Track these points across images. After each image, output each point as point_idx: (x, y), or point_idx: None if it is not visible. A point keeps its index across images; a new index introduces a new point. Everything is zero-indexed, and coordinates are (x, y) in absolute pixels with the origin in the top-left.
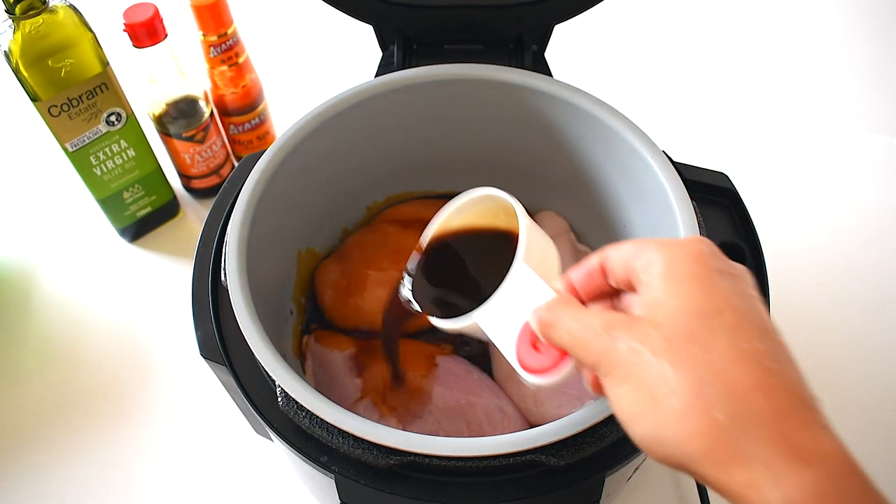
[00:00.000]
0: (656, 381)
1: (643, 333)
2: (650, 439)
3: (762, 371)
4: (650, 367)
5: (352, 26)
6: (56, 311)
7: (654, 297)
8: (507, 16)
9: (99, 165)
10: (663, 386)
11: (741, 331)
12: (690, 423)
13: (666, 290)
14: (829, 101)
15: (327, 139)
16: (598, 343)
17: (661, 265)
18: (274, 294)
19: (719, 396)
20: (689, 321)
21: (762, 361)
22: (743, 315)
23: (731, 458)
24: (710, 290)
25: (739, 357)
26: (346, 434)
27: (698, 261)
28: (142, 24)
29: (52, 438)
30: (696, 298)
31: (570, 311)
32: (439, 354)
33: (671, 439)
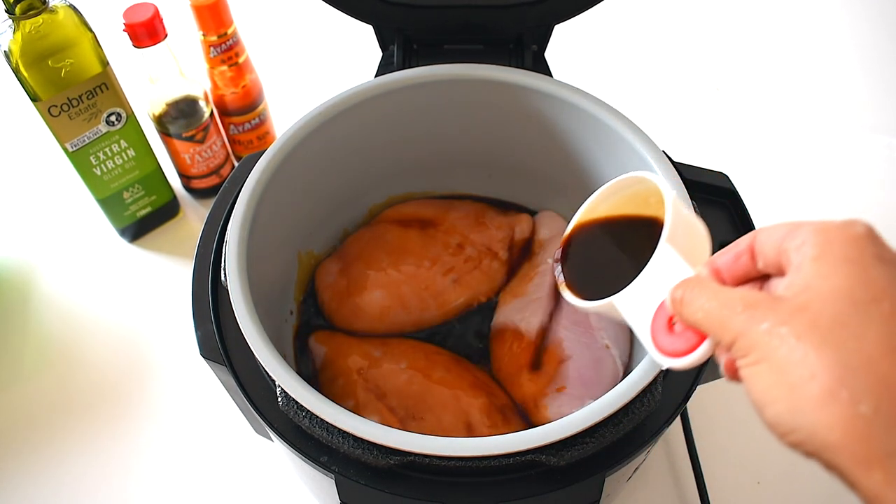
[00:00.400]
0: (796, 365)
1: (787, 315)
2: (784, 425)
3: None
4: (791, 351)
5: (352, 26)
6: (56, 312)
7: (804, 280)
8: (507, 16)
9: (99, 165)
10: (803, 369)
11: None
12: (830, 413)
13: (818, 273)
14: (830, 100)
15: (327, 139)
16: (737, 321)
17: (814, 246)
18: (274, 294)
19: (866, 388)
20: (841, 307)
21: None
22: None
23: (873, 456)
24: (867, 277)
25: (895, 349)
26: (346, 434)
27: (856, 245)
28: (142, 24)
29: (51, 438)
30: (851, 283)
31: (708, 288)
32: (440, 354)
33: (807, 427)
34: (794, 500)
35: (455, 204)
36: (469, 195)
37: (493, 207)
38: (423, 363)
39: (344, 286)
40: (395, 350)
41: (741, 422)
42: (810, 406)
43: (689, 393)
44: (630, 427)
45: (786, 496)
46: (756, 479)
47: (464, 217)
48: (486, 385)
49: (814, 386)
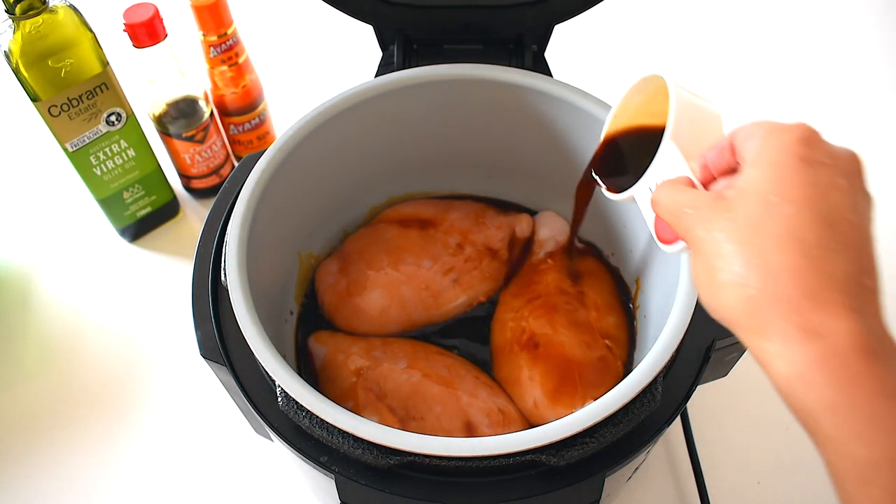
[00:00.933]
0: (716, 258)
1: (717, 217)
2: (708, 305)
3: (801, 256)
4: (715, 246)
5: (352, 26)
6: (56, 312)
7: (741, 183)
8: (507, 16)
9: (99, 165)
10: (720, 262)
11: (798, 218)
12: (731, 295)
13: (749, 177)
14: (830, 100)
15: (327, 139)
16: (685, 220)
17: (754, 152)
18: (274, 294)
19: (756, 275)
20: (756, 209)
21: (805, 248)
22: (808, 204)
23: (757, 328)
24: (784, 179)
25: (784, 243)
26: (346, 434)
27: (787, 149)
28: (142, 24)
29: (51, 438)
30: (769, 186)
31: (670, 190)
32: (440, 354)
33: (718, 307)
34: (793, 501)
35: (455, 204)
36: (469, 195)
37: (493, 207)
38: (423, 363)
39: (344, 286)
40: (395, 350)
41: (741, 422)
42: (720, 290)
43: (689, 393)
44: (630, 427)
45: (786, 496)
46: (756, 479)
47: (464, 217)
48: (486, 385)
49: (724, 275)
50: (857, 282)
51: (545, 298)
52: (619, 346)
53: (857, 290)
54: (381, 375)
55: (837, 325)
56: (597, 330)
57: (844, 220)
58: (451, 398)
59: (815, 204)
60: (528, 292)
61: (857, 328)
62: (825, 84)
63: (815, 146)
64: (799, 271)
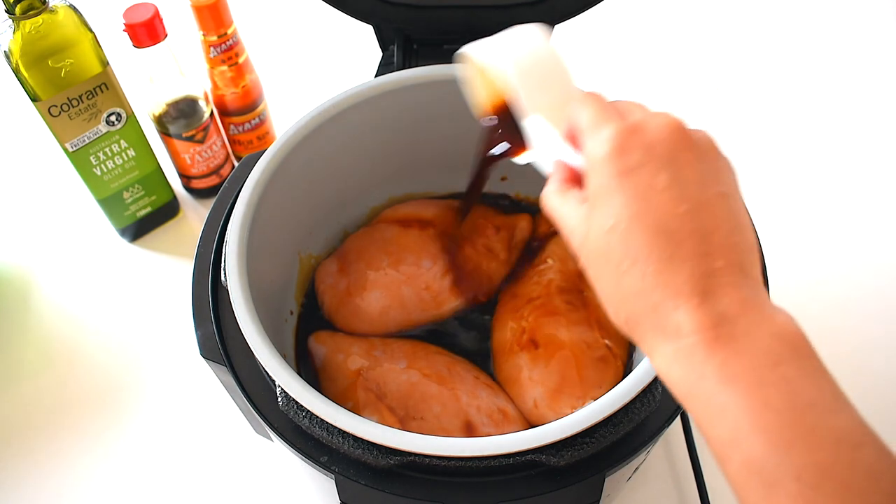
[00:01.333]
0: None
1: (580, 247)
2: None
3: (640, 277)
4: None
5: (352, 26)
6: (56, 312)
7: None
8: (507, 16)
9: (99, 165)
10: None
11: (630, 241)
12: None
13: (588, 211)
14: (830, 100)
15: (327, 139)
16: (565, 233)
17: (586, 177)
18: (274, 294)
19: (615, 300)
20: (598, 242)
21: (643, 267)
22: (635, 221)
23: (635, 338)
24: (611, 205)
25: (625, 269)
26: (346, 434)
27: (605, 171)
28: (142, 24)
29: (51, 438)
30: (602, 216)
31: (549, 199)
32: (440, 354)
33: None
34: None
35: (455, 204)
36: None
37: (492, 207)
38: (423, 363)
39: (344, 286)
40: (395, 350)
41: None
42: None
43: None
44: (630, 427)
45: None
46: None
47: None
48: (486, 385)
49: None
50: (702, 272)
51: (545, 298)
52: (619, 346)
53: (703, 279)
54: (380, 375)
55: (683, 322)
56: (597, 330)
57: (674, 216)
58: (451, 398)
59: (641, 218)
60: (528, 292)
61: (700, 320)
62: (825, 84)
63: (629, 149)
64: (642, 291)
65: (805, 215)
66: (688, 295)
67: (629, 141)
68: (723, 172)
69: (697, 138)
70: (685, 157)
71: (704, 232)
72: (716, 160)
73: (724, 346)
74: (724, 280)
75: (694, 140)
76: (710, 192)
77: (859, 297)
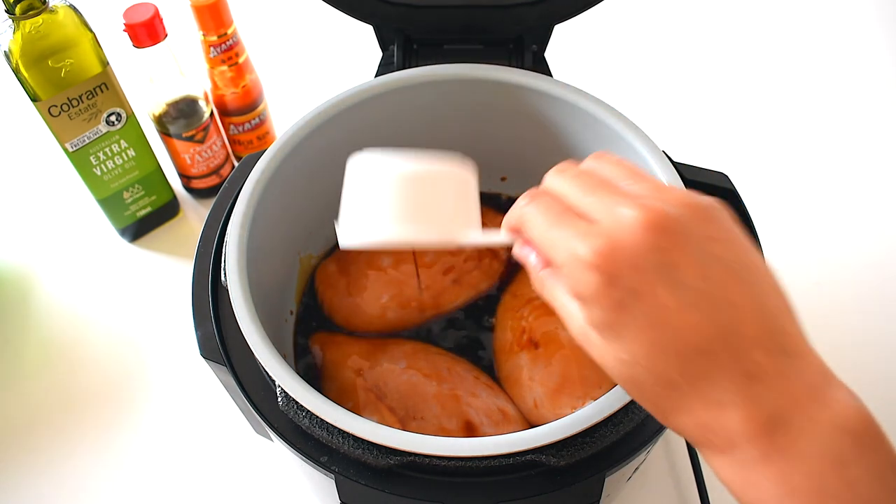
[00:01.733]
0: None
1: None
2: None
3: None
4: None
5: (352, 26)
6: (56, 311)
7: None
8: (507, 16)
9: (99, 165)
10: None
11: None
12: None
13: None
14: (830, 100)
15: (327, 139)
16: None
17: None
18: (274, 294)
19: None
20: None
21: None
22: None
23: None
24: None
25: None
26: (346, 434)
27: (598, 307)
28: (142, 24)
29: (51, 438)
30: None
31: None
32: (440, 354)
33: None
34: None
35: None
36: None
37: (492, 207)
38: (423, 363)
39: (344, 286)
40: (395, 350)
41: None
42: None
43: None
44: (630, 427)
45: None
46: None
47: None
48: (486, 385)
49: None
50: (741, 374)
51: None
52: None
53: (744, 384)
54: (381, 375)
55: (735, 434)
56: None
57: (690, 330)
58: (452, 398)
59: (657, 347)
60: (528, 292)
61: (751, 430)
62: (825, 84)
63: (614, 278)
64: (683, 410)
65: (806, 215)
66: (733, 405)
67: (610, 268)
68: (719, 243)
69: (675, 220)
70: (674, 255)
71: (729, 329)
72: (705, 232)
73: (782, 454)
74: (767, 373)
75: (673, 227)
76: (716, 279)
77: (860, 297)
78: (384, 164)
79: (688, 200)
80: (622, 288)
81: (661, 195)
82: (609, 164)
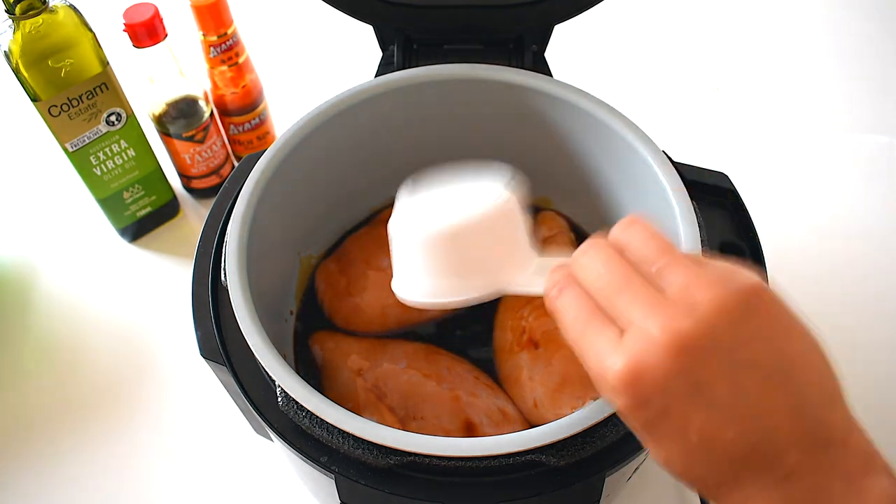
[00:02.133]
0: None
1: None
2: None
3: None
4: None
5: (352, 26)
6: (56, 311)
7: None
8: (507, 16)
9: (99, 165)
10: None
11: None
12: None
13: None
14: (830, 101)
15: (327, 139)
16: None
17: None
18: (274, 294)
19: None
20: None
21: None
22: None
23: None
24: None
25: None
26: (346, 434)
27: (632, 422)
28: (142, 24)
29: (51, 438)
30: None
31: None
32: (440, 354)
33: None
34: None
35: None
36: None
37: None
38: (423, 363)
39: (344, 286)
40: (395, 350)
41: None
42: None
43: None
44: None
45: None
46: None
47: None
48: (486, 385)
49: None
50: (780, 479)
51: None
52: None
53: (782, 488)
54: (381, 375)
55: None
56: None
57: (726, 445)
58: (452, 398)
59: (692, 460)
60: None
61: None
62: (825, 84)
63: (644, 401)
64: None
65: (806, 215)
66: (767, 500)
67: (636, 391)
68: (754, 344)
69: (703, 336)
70: (703, 374)
71: (763, 439)
72: (738, 336)
73: None
74: (803, 470)
75: (701, 345)
76: (751, 389)
77: (861, 296)
78: (427, 220)
79: (721, 297)
80: (651, 409)
81: (694, 290)
82: (640, 240)
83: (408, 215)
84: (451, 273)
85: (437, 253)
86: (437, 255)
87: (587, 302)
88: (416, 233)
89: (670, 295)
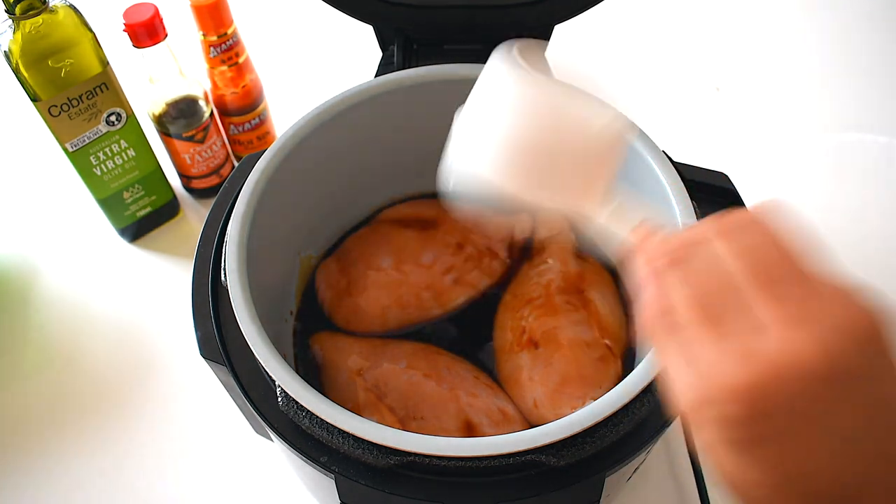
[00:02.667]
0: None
1: None
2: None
3: None
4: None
5: (352, 26)
6: (56, 312)
7: None
8: (507, 16)
9: (99, 165)
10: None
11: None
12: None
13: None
14: (830, 101)
15: (327, 139)
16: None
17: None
18: (274, 294)
19: None
20: None
21: None
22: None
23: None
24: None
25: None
26: (346, 434)
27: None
28: (142, 24)
29: (51, 438)
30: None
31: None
32: (440, 354)
33: None
34: None
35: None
36: None
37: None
38: (423, 363)
39: (344, 286)
40: (395, 350)
41: None
42: None
43: None
44: (630, 427)
45: None
46: None
47: (463, 217)
48: (486, 385)
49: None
50: None
51: (545, 298)
52: (619, 346)
53: None
54: (381, 375)
55: None
56: (597, 330)
57: (822, 492)
58: (452, 398)
59: (781, 487)
60: (528, 292)
61: None
62: (825, 84)
63: (757, 422)
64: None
65: (805, 216)
66: None
67: (761, 405)
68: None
69: (845, 349)
70: (837, 405)
71: (873, 481)
72: (873, 370)
73: None
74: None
75: (843, 376)
76: (879, 428)
77: None
78: (529, 82)
79: (868, 326)
80: (768, 426)
81: (837, 310)
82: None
83: (519, 71)
84: (533, 164)
85: (532, 131)
86: (532, 133)
87: (699, 289)
88: (525, 94)
89: (809, 308)
